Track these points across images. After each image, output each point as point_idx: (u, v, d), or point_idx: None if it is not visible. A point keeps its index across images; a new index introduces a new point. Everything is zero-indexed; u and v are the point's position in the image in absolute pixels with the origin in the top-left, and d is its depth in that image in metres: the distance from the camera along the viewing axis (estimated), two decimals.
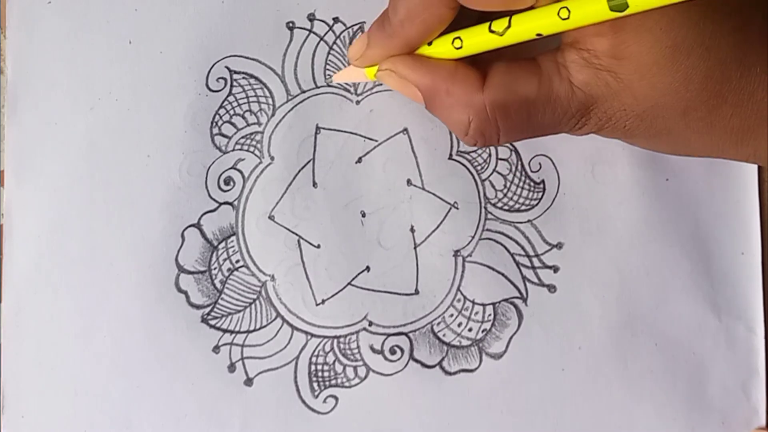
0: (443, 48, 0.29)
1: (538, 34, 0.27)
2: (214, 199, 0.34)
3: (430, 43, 0.30)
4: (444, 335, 0.35)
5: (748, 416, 0.35)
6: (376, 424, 0.34)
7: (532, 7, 0.27)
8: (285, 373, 0.34)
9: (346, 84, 0.35)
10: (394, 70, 0.30)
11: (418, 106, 0.35)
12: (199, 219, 0.34)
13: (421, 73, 0.29)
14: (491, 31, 0.28)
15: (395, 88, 0.31)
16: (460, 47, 0.29)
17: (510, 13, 0.27)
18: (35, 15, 0.34)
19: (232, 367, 0.34)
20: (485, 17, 0.28)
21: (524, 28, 0.27)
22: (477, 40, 0.28)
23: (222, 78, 0.35)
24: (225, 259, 0.34)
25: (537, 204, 0.35)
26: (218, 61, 0.35)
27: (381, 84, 0.35)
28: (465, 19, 0.28)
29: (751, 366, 0.36)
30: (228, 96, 0.35)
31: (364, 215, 0.35)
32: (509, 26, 0.27)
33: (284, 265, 0.34)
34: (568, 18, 0.25)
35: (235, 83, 0.35)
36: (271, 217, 0.35)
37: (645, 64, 0.26)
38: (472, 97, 0.28)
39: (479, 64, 0.29)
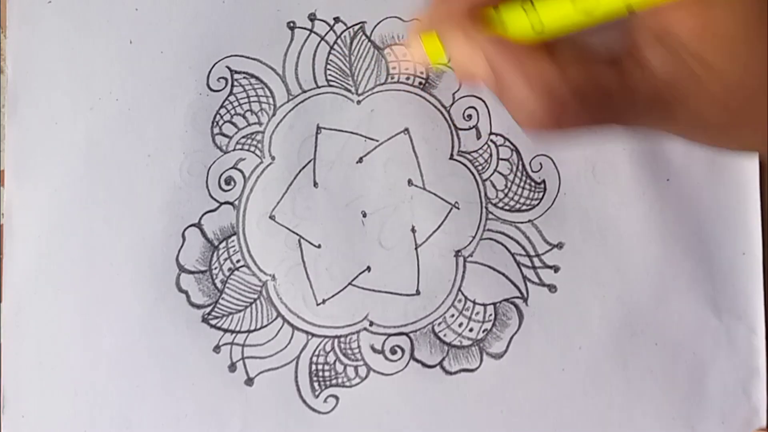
0: (517, 21, 0.26)
1: (629, 9, 0.24)
2: (215, 199, 0.34)
3: (496, 8, 0.26)
4: (445, 335, 0.35)
5: (748, 416, 0.35)
6: (376, 423, 0.34)
7: None
8: (286, 372, 0.34)
9: (347, 84, 0.35)
10: (463, 31, 0.26)
11: (419, 106, 0.35)
12: (200, 219, 0.34)
13: (493, 40, 0.26)
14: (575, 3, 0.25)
15: (459, 61, 0.27)
16: (541, 31, 0.26)
17: None
18: (35, 15, 0.34)
19: (232, 367, 0.34)
20: None
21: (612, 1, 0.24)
22: (559, 15, 0.25)
23: (223, 78, 0.35)
24: (226, 259, 0.34)
25: (538, 204, 0.35)
26: (219, 61, 0.35)
27: (382, 84, 0.35)
28: None
29: (752, 366, 0.36)
30: (229, 96, 0.35)
31: (365, 215, 0.35)
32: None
33: (285, 265, 0.34)
34: None
35: (235, 83, 0.35)
36: (271, 217, 0.35)
37: (737, 41, 0.24)
38: (547, 75, 0.25)
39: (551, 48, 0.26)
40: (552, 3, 0.25)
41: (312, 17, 0.35)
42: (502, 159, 0.36)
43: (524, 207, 0.35)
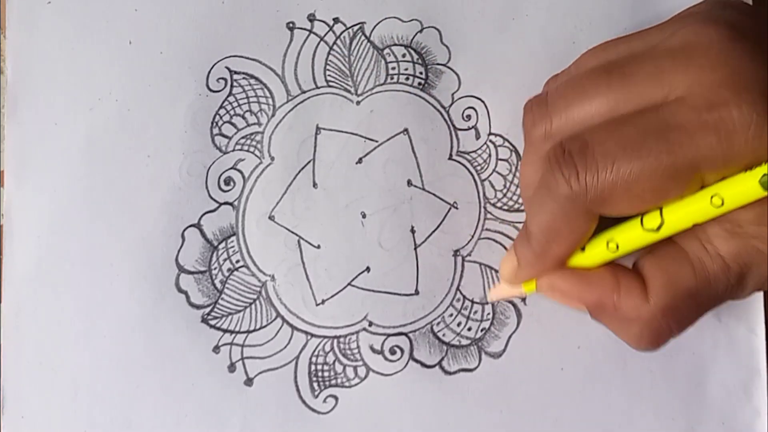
0: (598, 251, 0.29)
1: (694, 225, 0.26)
2: (215, 200, 0.34)
3: (583, 249, 0.29)
4: (444, 335, 0.35)
5: (749, 417, 0.35)
6: (376, 424, 0.34)
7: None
8: (285, 373, 0.34)
9: (346, 84, 0.35)
10: (556, 288, 0.30)
11: (419, 106, 0.35)
12: (200, 219, 0.34)
13: (584, 289, 0.29)
14: (646, 229, 0.27)
15: (558, 300, 0.30)
16: (616, 250, 0.28)
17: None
18: (35, 15, 0.34)
19: (232, 367, 0.34)
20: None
21: (679, 221, 0.26)
22: (632, 240, 0.28)
23: (222, 78, 0.35)
24: (225, 259, 0.34)
25: None
26: (218, 62, 0.35)
27: (381, 84, 0.35)
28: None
29: (753, 367, 0.36)
30: (228, 96, 0.35)
31: (364, 216, 0.35)
32: (663, 222, 0.26)
33: (284, 266, 0.34)
34: (721, 205, 0.25)
35: (235, 83, 0.35)
36: (271, 218, 0.35)
37: None
38: (640, 310, 0.28)
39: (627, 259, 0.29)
40: (627, 230, 0.28)
41: (311, 18, 0.35)
42: (501, 159, 0.36)
43: (523, 207, 0.35)
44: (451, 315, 0.35)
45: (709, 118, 0.24)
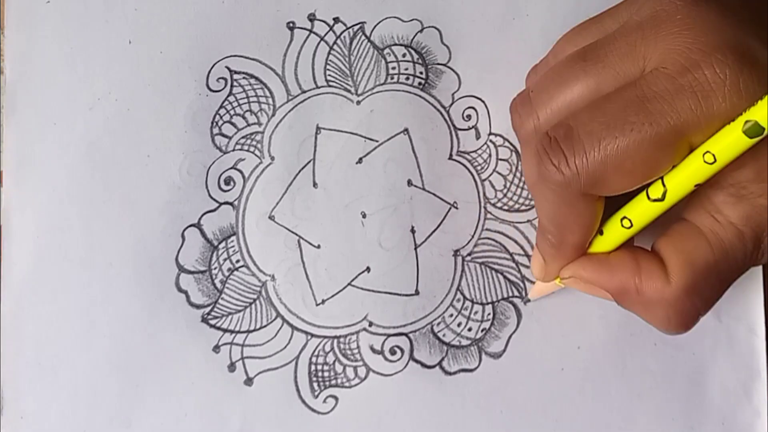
0: (614, 231, 0.29)
1: (696, 185, 0.26)
2: (215, 199, 0.34)
3: (601, 232, 0.30)
4: (444, 335, 0.35)
5: (749, 418, 0.35)
6: (376, 424, 0.34)
7: (672, 166, 0.26)
8: (285, 372, 0.34)
9: (347, 84, 0.35)
10: (578, 277, 0.30)
11: (419, 106, 0.35)
12: (200, 219, 0.34)
13: (605, 276, 0.29)
14: (652, 200, 0.27)
15: (584, 291, 0.31)
16: (630, 226, 0.29)
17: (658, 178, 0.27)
18: (34, 14, 0.34)
19: (232, 367, 0.34)
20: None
21: (681, 185, 0.26)
22: (642, 213, 0.28)
23: (222, 78, 0.35)
24: (225, 259, 0.34)
25: None
26: (218, 61, 0.35)
27: (382, 84, 0.35)
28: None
29: (753, 367, 0.36)
30: (228, 96, 0.35)
31: (364, 216, 0.35)
32: (666, 189, 0.27)
33: (284, 265, 0.34)
34: (714, 161, 0.25)
35: (235, 83, 0.35)
36: (271, 217, 0.35)
37: None
38: (663, 292, 0.28)
39: (646, 243, 0.29)
40: (636, 205, 0.28)
41: (311, 17, 0.35)
42: (501, 159, 0.36)
43: (523, 207, 0.35)
44: (452, 315, 0.35)
45: (684, 82, 0.25)
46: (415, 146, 0.35)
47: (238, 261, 0.34)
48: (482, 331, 0.35)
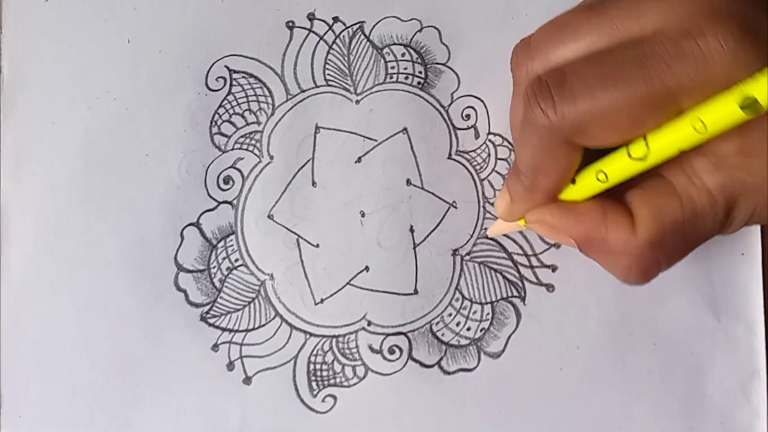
0: (587, 182, 0.29)
1: (680, 151, 0.26)
2: (214, 198, 0.34)
3: (573, 181, 0.29)
4: (443, 335, 0.35)
5: (748, 418, 0.35)
6: (374, 423, 0.34)
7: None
8: (284, 372, 0.34)
9: (346, 83, 0.35)
10: (544, 222, 0.30)
11: (418, 105, 0.35)
12: (199, 218, 0.34)
13: (572, 223, 0.29)
14: (633, 158, 0.27)
15: (547, 235, 0.31)
16: (606, 180, 0.28)
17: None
18: (32, 14, 0.34)
19: (230, 366, 0.34)
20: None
21: (665, 148, 0.26)
22: (620, 169, 0.28)
23: (221, 77, 0.35)
24: (224, 258, 0.34)
25: None
26: (218, 60, 0.35)
27: (381, 83, 0.35)
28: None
29: (752, 367, 0.36)
30: (227, 95, 0.35)
31: (363, 215, 0.35)
32: (648, 150, 0.26)
33: (283, 265, 0.34)
34: (705, 130, 0.25)
35: (234, 82, 0.35)
36: (270, 217, 0.35)
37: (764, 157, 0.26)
38: (627, 243, 0.28)
39: (616, 194, 0.29)
40: (615, 160, 0.28)
41: (311, 17, 0.35)
42: (500, 159, 0.36)
43: None
44: (450, 315, 0.35)
45: (685, 46, 0.25)
46: (414, 146, 0.35)
47: (237, 260, 0.34)
48: (481, 330, 0.35)
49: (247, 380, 0.34)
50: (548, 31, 0.29)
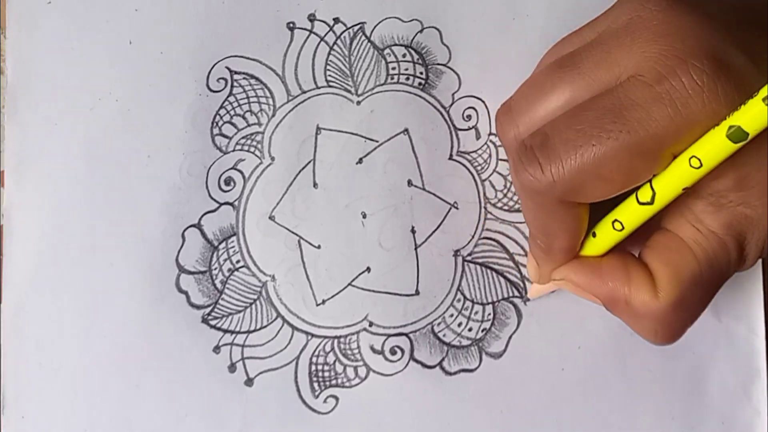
0: (606, 233, 0.29)
1: (684, 189, 0.26)
2: (215, 200, 0.34)
3: (594, 234, 0.30)
4: (444, 335, 0.35)
5: (749, 417, 0.35)
6: (376, 424, 0.34)
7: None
8: (285, 373, 0.34)
9: (347, 84, 0.35)
10: (569, 281, 0.30)
11: (419, 106, 0.35)
12: (200, 219, 0.34)
13: (596, 282, 0.29)
14: (641, 203, 0.27)
15: (576, 294, 0.31)
16: (622, 229, 0.29)
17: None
18: (35, 15, 0.34)
19: (232, 368, 0.34)
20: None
21: (668, 188, 0.26)
22: (633, 216, 0.28)
23: (222, 78, 0.35)
24: (225, 260, 0.34)
25: None
26: (219, 62, 0.35)
27: (382, 84, 0.35)
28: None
29: (753, 367, 0.36)
30: (228, 96, 0.35)
31: (364, 216, 0.35)
32: (654, 192, 0.27)
33: (285, 266, 0.34)
34: (700, 166, 0.25)
35: (235, 83, 0.35)
36: (271, 218, 0.35)
37: (764, 186, 0.26)
38: (650, 307, 0.28)
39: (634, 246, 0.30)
40: (626, 207, 0.28)
41: (311, 18, 0.35)
42: (501, 159, 0.36)
43: None
44: (452, 315, 0.35)
45: (661, 90, 0.25)
46: (415, 146, 0.35)
47: (238, 261, 0.34)
48: (482, 331, 0.35)
49: (249, 382, 0.34)
50: (526, 94, 0.29)
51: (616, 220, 0.29)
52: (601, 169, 0.25)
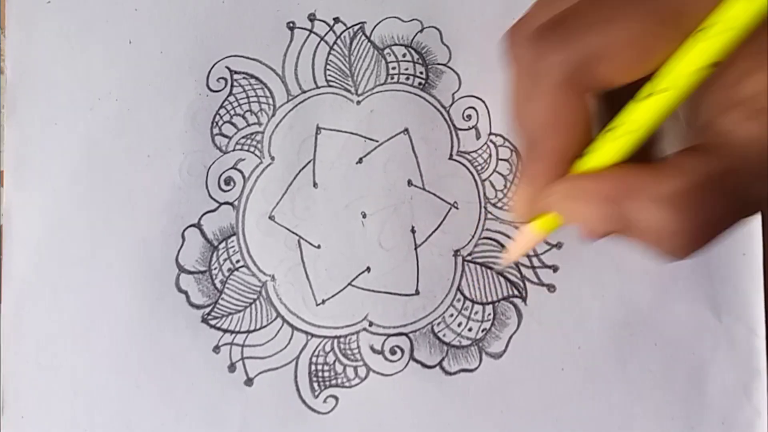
0: (607, 142, 0.25)
1: (699, 69, 0.23)
2: (215, 199, 0.34)
3: (583, 155, 0.26)
4: (444, 335, 0.35)
5: (749, 417, 0.35)
6: (376, 424, 0.34)
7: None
8: (285, 373, 0.34)
9: (347, 84, 0.35)
10: (572, 188, 0.26)
11: (419, 106, 0.35)
12: (200, 219, 0.34)
13: (603, 179, 0.25)
14: (658, 92, 0.24)
15: (575, 222, 0.27)
16: (628, 131, 0.25)
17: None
18: (35, 15, 0.34)
19: (232, 367, 0.34)
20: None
21: (678, 73, 0.23)
22: (641, 114, 0.24)
23: (222, 78, 0.35)
24: (225, 259, 0.34)
25: None
26: (219, 61, 0.35)
27: (382, 84, 0.35)
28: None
29: (753, 367, 0.36)
30: (228, 96, 0.35)
31: (364, 216, 0.35)
32: (661, 79, 0.24)
33: (284, 266, 0.34)
34: (716, 33, 0.22)
35: (235, 83, 0.35)
36: (271, 218, 0.35)
37: None
38: (672, 183, 0.24)
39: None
40: (637, 106, 0.25)
41: (312, 17, 0.35)
42: (501, 159, 0.36)
43: None
44: (452, 315, 0.35)
45: None
46: (415, 146, 0.35)
47: (238, 261, 0.34)
48: (483, 331, 0.35)
49: (249, 381, 0.34)
50: (585, 12, 0.26)
51: (613, 127, 0.25)
52: (618, 44, 0.24)
